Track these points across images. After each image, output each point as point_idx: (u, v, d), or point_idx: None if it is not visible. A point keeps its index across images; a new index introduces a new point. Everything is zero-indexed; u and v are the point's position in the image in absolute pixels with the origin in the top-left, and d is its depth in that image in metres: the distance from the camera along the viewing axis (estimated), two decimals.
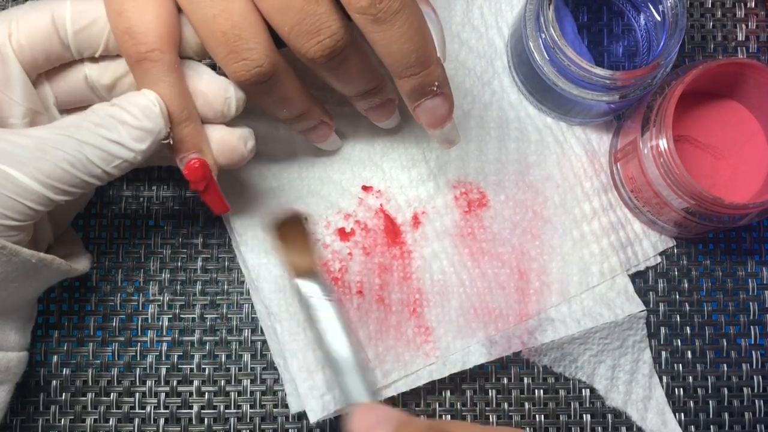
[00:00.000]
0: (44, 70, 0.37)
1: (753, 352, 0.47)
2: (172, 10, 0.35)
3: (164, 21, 0.35)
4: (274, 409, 0.45)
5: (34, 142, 0.34)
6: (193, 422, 0.45)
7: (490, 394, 0.46)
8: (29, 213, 0.34)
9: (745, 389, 0.46)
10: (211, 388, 0.45)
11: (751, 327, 0.47)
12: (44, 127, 0.35)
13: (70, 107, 0.39)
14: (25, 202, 0.34)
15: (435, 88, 0.37)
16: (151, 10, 0.35)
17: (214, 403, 0.45)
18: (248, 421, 0.45)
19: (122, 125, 0.34)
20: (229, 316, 0.46)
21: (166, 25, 0.35)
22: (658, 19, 0.44)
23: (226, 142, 0.38)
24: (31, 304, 0.41)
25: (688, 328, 0.47)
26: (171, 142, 0.36)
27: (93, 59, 0.37)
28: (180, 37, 0.36)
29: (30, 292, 0.39)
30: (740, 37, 0.49)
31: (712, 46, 0.49)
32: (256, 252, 0.44)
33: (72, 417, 0.45)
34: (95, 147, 0.34)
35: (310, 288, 0.39)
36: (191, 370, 0.45)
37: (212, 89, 0.36)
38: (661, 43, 0.42)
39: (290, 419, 0.45)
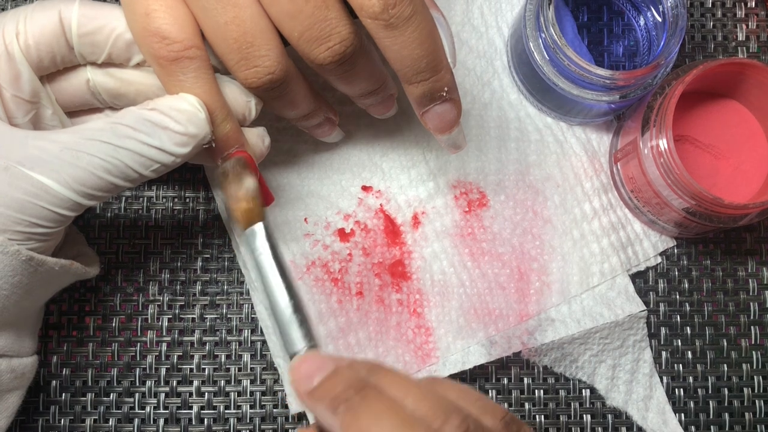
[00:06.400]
0: (49, 72, 0.37)
1: (753, 353, 0.47)
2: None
3: (194, 20, 0.35)
4: (274, 410, 0.45)
5: (63, 148, 0.33)
6: (193, 422, 0.45)
7: (490, 394, 0.46)
8: (61, 220, 0.34)
9: (745, 389, 0.46)
10: (210, 389, 0.45)
11: (752, 327, 0.47)
12: (71, 131, 0.34)
13: (69, 111, 0.39)
14: (58, 209, 0.34)
15: (444, 94, 0.37)
16: (182, 8, 0.34)
17: (214, 404, 0.45)
18: (248, 421, 0.45)
19: (164, 131, 0.34)
20: (229, 316, 0.46)
21: (196, 25, 0.35)
22: (659, 19, 0.44)
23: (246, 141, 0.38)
24: (41, 307, 0.41)
25: (688, 328, 0.47)
26: (213, 144, 0.36)
27: (97, 64, 0.37)
28: None
29: (46, 297, 0.39)
30: (740, 37, 0.49)
31: (712, 46, 0.49)
32: None
33: (72, 417, 0.44)
34: (133, 152, 0.34)
35: (257, 236, 0.35)
36: (191, 370, 0.45)
37: (234, 94, 0.36)
38: (662, 43, 0.42)
39: (290, 420, 0.45)
